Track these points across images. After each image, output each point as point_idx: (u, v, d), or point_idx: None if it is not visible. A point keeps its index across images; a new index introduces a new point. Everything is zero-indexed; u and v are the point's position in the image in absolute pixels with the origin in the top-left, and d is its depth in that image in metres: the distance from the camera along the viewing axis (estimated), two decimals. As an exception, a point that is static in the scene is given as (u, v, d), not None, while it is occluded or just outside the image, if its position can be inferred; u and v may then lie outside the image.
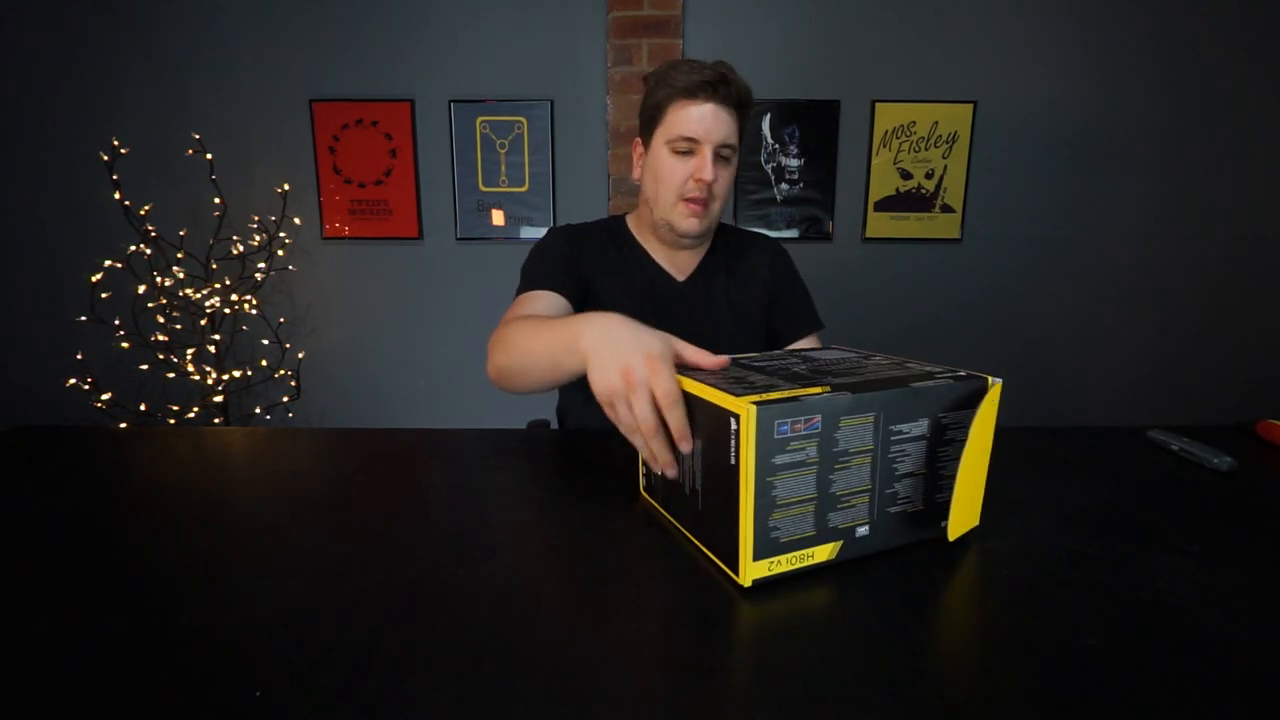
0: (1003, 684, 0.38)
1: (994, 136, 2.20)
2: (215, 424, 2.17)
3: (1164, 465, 0.75)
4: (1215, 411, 2.34)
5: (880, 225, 2.27)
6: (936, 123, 2.20)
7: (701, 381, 0.52)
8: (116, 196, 2.03)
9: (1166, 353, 2.34)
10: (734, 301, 1.07)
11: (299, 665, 0.39)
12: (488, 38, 2.18)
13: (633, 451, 0.63)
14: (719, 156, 0.94)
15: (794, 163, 2.23)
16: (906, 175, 2.24)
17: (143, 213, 2.07)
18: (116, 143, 2.08)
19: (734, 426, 0.47)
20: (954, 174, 2.23)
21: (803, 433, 0.47)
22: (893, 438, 0.50)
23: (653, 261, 1.06)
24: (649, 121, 0.98)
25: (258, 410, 2.29)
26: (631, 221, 1.10)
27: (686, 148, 0.94)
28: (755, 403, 0.46)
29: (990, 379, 0.53)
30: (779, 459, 0.47)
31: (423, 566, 0.52)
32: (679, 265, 1.07)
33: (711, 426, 0.50)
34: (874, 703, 0.36)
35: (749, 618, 0.45)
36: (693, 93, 0.92)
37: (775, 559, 0.49)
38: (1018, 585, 0.49)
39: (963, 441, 0.53)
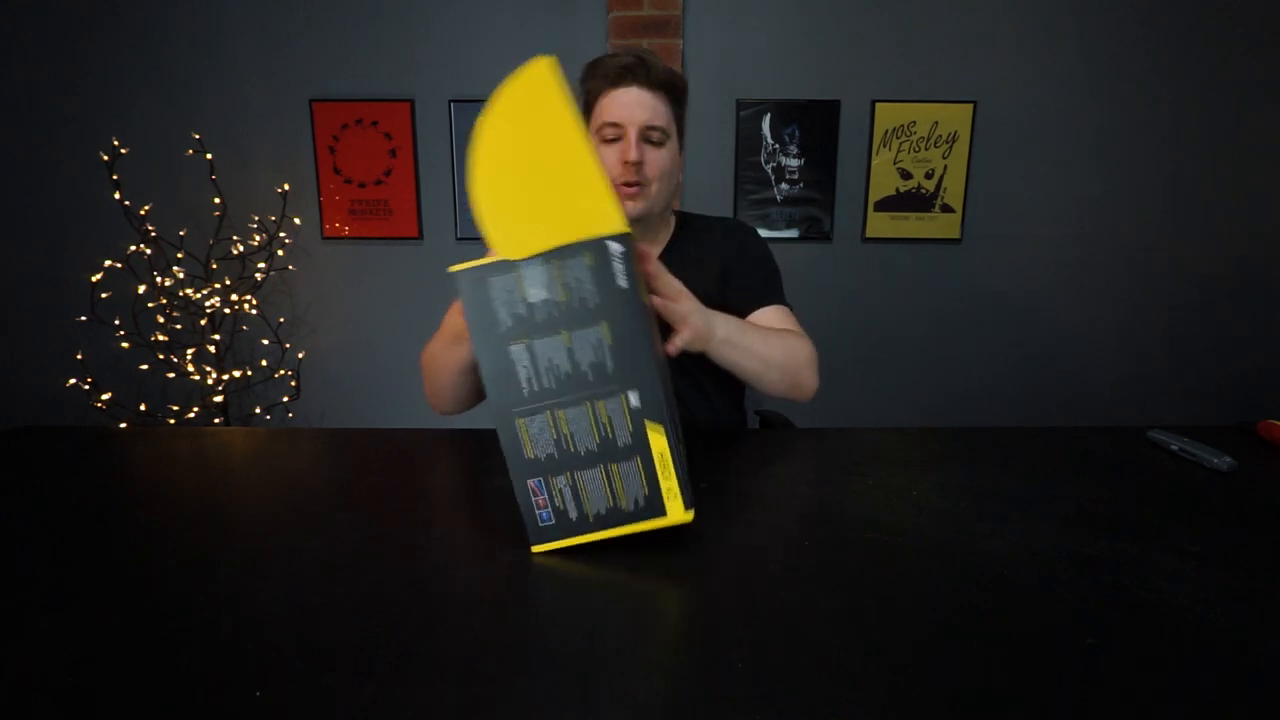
0: (1003, 683, 0.38)
1: (994, 136, 2.20)
2: (215, 424, 2.16)
3: (1164, 465, 0.75)
4: (1215, 411, 2.34)
5: (880, 225, 2.27)
6: (936, 123, 2.20)
7: None
8: (116, 196, 2.03)
9: (1167, 352, 2.34)
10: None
11: (299, 665, 0.39)
12: (488, 38, 2.17)
13: None
14: (647, 140, 0.94)
15: (794, 163, 2.23)
16: (906, 175, 2.23)
17: (143, 213, 2.07)
18: (116, 143, 2.08)
19: None
20: (954, 174, 2.23)
21: (543, 493, 0.54)
22: (544, 367, 0.53)
23: None
24: (584, 120, 0.98)
25: (258, 410, 2.29)
26: None
27: (613, 134, 0.94)
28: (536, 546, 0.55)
29: None
30: (573, 514, 0.54)
31: (423, 566, 0.52)
32: None
33: None
34: (873, 701, 0.36)
35: (750, 619, 0.45)
36: (614, 80, 0.93)
37: (669, 499, 0.53)
38: (1018, 585, 0.49)
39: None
